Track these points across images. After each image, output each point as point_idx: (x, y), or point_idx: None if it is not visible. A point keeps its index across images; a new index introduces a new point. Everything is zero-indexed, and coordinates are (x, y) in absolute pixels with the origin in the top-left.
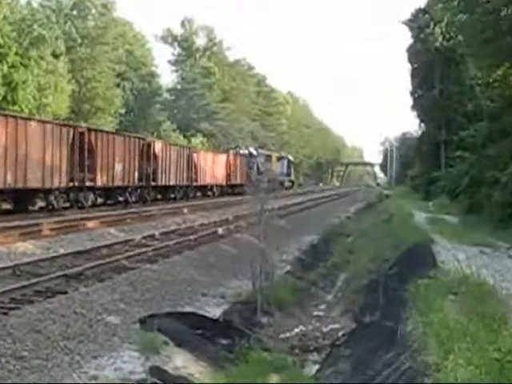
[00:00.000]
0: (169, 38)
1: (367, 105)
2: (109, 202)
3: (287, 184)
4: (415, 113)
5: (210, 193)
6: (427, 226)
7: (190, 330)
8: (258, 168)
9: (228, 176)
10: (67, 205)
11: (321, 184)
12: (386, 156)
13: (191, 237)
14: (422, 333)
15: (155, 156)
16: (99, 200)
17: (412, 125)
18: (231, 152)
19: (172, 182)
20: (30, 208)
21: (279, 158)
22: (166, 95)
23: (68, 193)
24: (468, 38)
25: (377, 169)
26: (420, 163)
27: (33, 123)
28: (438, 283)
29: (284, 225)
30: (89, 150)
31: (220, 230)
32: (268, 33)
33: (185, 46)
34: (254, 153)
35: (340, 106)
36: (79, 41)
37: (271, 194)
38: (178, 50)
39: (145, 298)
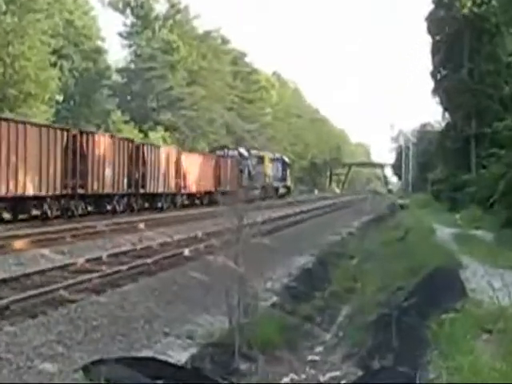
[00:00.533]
0: (119, 3)
1: (375, 90)
2: (96, 211)
3: (282, 191)
4: (437, 99)
5: (198, 201)
6: (453, 245)
7: (148, 379)
8: (249, 172)
9: (217, 182)
10: (57, 214)
11: (316, 191)
12: (399, 155)
13: (149, 260)
14: (447, 382)
15: (144, 160)
16: (89, 208)
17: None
18: (218, 153)
19: (160, 189)
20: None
21: (272, 160)
22: (117, 77)
23: (60, 201)
24: (504, 2)
25: (388, 171)
26: (444, 164)
27: (29, 126)
28: (467, 318)
29: (269, 243)
30: (80, 154)
31: (186, 251)
32: None
33: (140, 14)
34: (245, 154)
35: (341, 91)
36: (3, 8)
37: (252, 203)
38: (131, 19)
39: (89, 339)
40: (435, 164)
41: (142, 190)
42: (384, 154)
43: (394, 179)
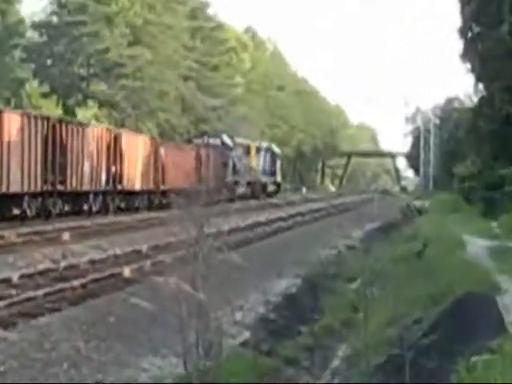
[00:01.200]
0: None
1: (383, 53)
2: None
3: (271, 188)
4: (467, 65)
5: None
6: (489, 263)
7: None
8: (233, 165)
9: (199, 177)
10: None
11: (304, 189)
12: (416, 141)
13: (75, 282)
14: None
15: (121, 152)
16: (66, 208)
17: (462, 86)
18: (195, 142)
19: (137, 187)
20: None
21: (259, 150)
22: (33, 35)
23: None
24: None
25: (401, 163)
26: (476, 153)
27: (12, 115)
28: (506, 361)
29: (239, 260)
30: (60, 146)
31: (127, 271)
32: None
33: None
34: (229, 143)
35: (336, 55)
36: None
37: (216, 206)
38: None
39: None
40: (465, 153)
41: (119, 187)
42: (396, 139)
43: (409, 173)
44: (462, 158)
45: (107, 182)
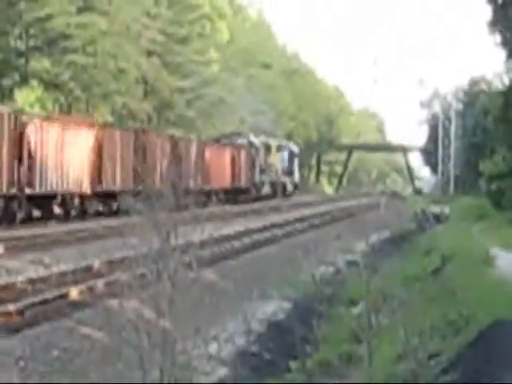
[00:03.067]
0: None
1: (391, 22)
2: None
3: (289, 187)
4: (497, 37)
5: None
6: None
7: None
8: (260, 165)
9: (233, 178)
10: None
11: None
12: (433, 131)
13: (11, 307)
14: None
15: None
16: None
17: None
18: (223, 142)
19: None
20: None
21: (279, 149)
22: None
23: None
24: None
25: (415, 159)
26: (509, 146)
27: None
28: None
29: (214, 279)
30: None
31: (74, 293)
32: None
33: None
34: (256, 143)
35: (334, 25)
36: None
37: (187, 210)
38: None
39: None
40: (494, 146)
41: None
42: (408, 129)
43: (424, 172)
44: (491, 153)
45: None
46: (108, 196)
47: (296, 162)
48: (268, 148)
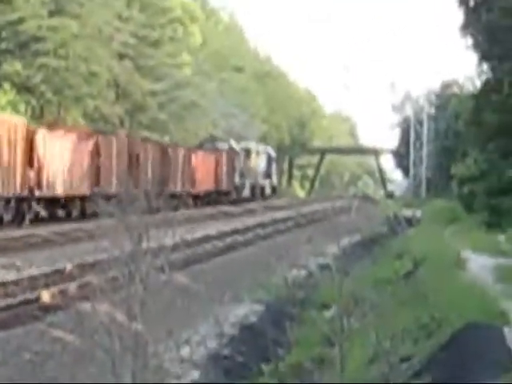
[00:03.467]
0: None
1: (364, 27)
2: None
3: (268, 190)
4: (469, 41)
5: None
6: (495, 286)
7: None
8: (240, 169)
9: (216, 181)
10: None
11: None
12: (405, 135)
13: None
14: None
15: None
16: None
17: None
18: (205, 147)
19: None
20: None
21: (258, 153)
22: None
23: None
24: None
25: (387, 162)
26: (481, 149)
27: None
28: None
29: (186, 283)
30: None
31: (46, 296)
32: None
33: None
34: (236, 148)
35: (306, 28)
36: None
37: (159, 212)
38: None
39: None
40: (465, 150)
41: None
42: (380, 132)
43: (396, 175)
44: (462, 156)
45: None
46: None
47: (274, 165)
48: (248, 152)
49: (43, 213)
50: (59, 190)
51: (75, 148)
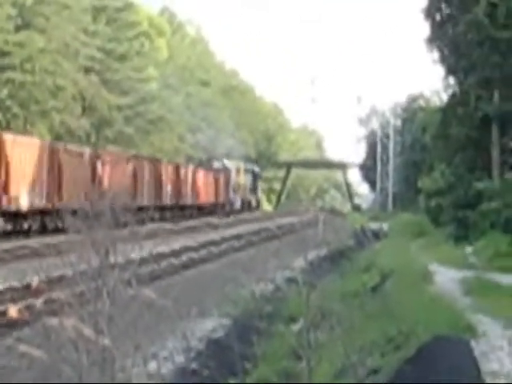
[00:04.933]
0: None
1: (331, 38)
2: None
3: (254, 203)
4: (435, 54)
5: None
6: (462, 299)
7: None
8: (232, 185)
9: (216, 195)
10: None
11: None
12: (371, 148)
13: None
14: None
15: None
16: None
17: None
18: (204, 167)
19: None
20: None
21: (245, 171)
22: None
23: None
24: None
25: (354, 175)
26: (447, 163)
27: None
28: None
29: (153, 297)
30: None
31: (12, 311)
32: None
33: None
34: (229, 166)
35: (272, 42)
36: None
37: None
38: None
39: None
40: (432, 163)
41: None
42: (347, 146)
43: (363, 189)
44: (429, 170)
45: None
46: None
47: (259, 182)
48: (238, 170)
49: None
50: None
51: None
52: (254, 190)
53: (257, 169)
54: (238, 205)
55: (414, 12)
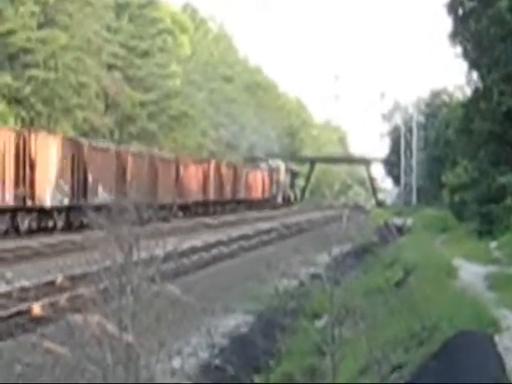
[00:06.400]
0: None
1: (353, 36)
2: None
3: (292, 199)
4: (458, 49)
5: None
6: (487, 294)
7: None
8: (276, 182)
9: (270, 191)
10: None
11: None
12: (395, 143)
13: None
14: None
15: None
16: None
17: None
18: (253, 165)
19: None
20: None
21: (286, 170)
22: None
23: None
24: None
25: (377, 171)
26: (471, 157)
27: None
28: None
29: (177, 293)
30: None
31: (37, 308)
32: None
33: None
34: (274, 166)
35: (296, 38)
36: None
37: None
38: None
39: None
40: (456, 158)
41: None
42: (370, 142)
43: (387, 184)
44: (453, 165)
45: None
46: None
47: (296, 179)
48: (279, 169)
49: None
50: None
51: None
52: (292, 186)
53: (295, 167)
54: (279, 200)
55: (437, 7)
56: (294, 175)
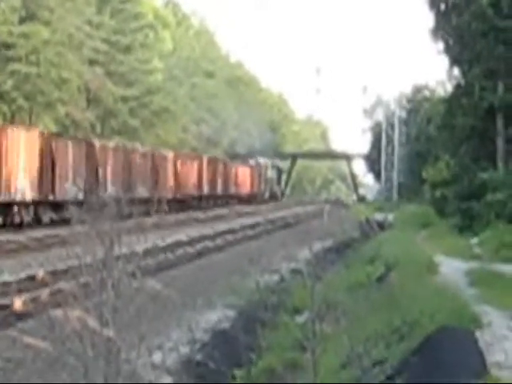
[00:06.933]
0: None
1: (335, 32)
2: None
3: (278, 194)
4: (440, 45)
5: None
6: (468, 290)
7: None
8: (264, 178)
9: (256, 187)
10: None
11: None
12: (376, 139)
13: None
14: None
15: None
16: None
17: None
18: (242, 162)
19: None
20: None
21: (272, 167)
22: None
23: None
24: None
25: (359, 166)
26: (452, 153)
27: None
28: None
29: (158, 288)
30: None
31: (18, 303)
32: None
33: None
34: (261, 163)
35: (280, 37)
36: None
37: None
38: None
39: None
40: (437, 154)
41: None
42: (352, 137)
43: (368, 179)
44: (434, 160)
45: None
46: None
47: (282, 175)
48: (267, 166)
49: None
50: None
51: None
52: (278, 182)
53: (281, 164)
54: (266, 195)
55: (420, 1)
56: (280, 172)
